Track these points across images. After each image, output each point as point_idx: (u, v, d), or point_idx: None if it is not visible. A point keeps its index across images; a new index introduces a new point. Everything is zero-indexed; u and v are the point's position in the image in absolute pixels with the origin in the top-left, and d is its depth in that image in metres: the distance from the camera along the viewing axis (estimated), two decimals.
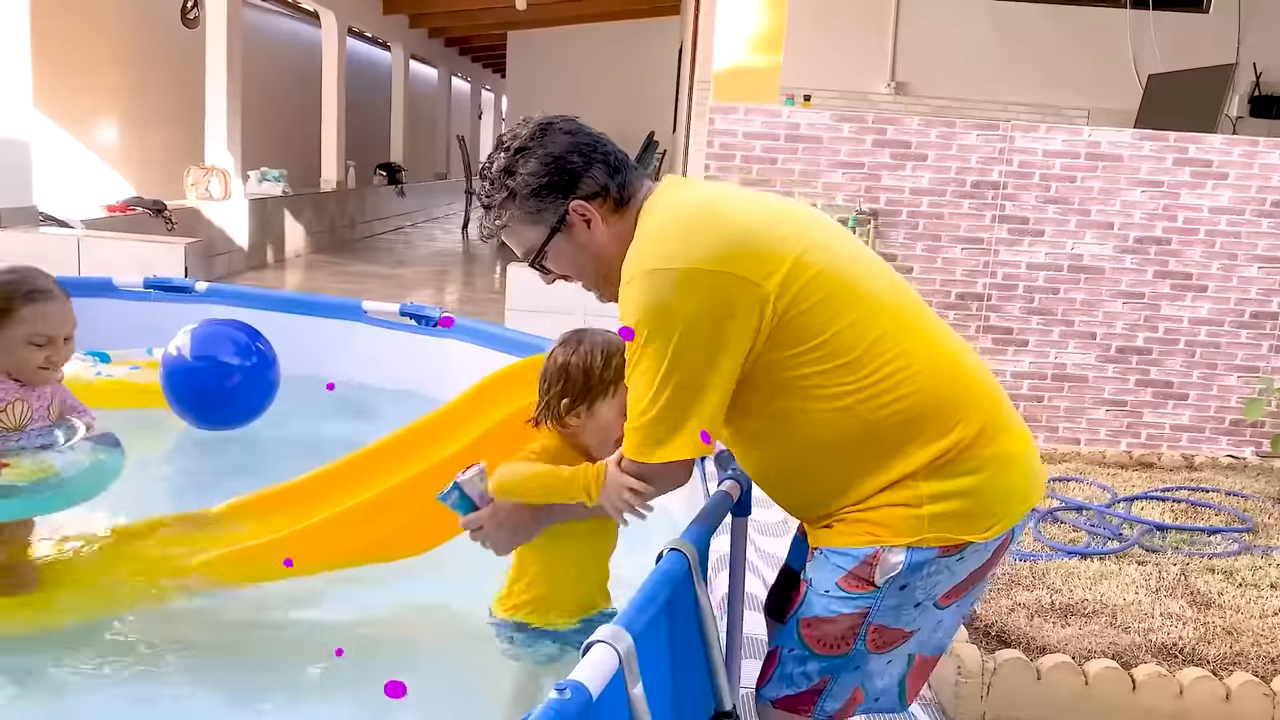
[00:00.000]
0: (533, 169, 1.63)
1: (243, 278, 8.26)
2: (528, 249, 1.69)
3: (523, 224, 1.66)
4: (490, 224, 1.69)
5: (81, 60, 8.80)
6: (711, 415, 1.51)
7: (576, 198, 1.63)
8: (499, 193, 1.65)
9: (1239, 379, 4.81)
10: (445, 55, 16.67)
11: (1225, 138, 4.77)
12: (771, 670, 1.64)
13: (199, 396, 2.98)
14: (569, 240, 1.65)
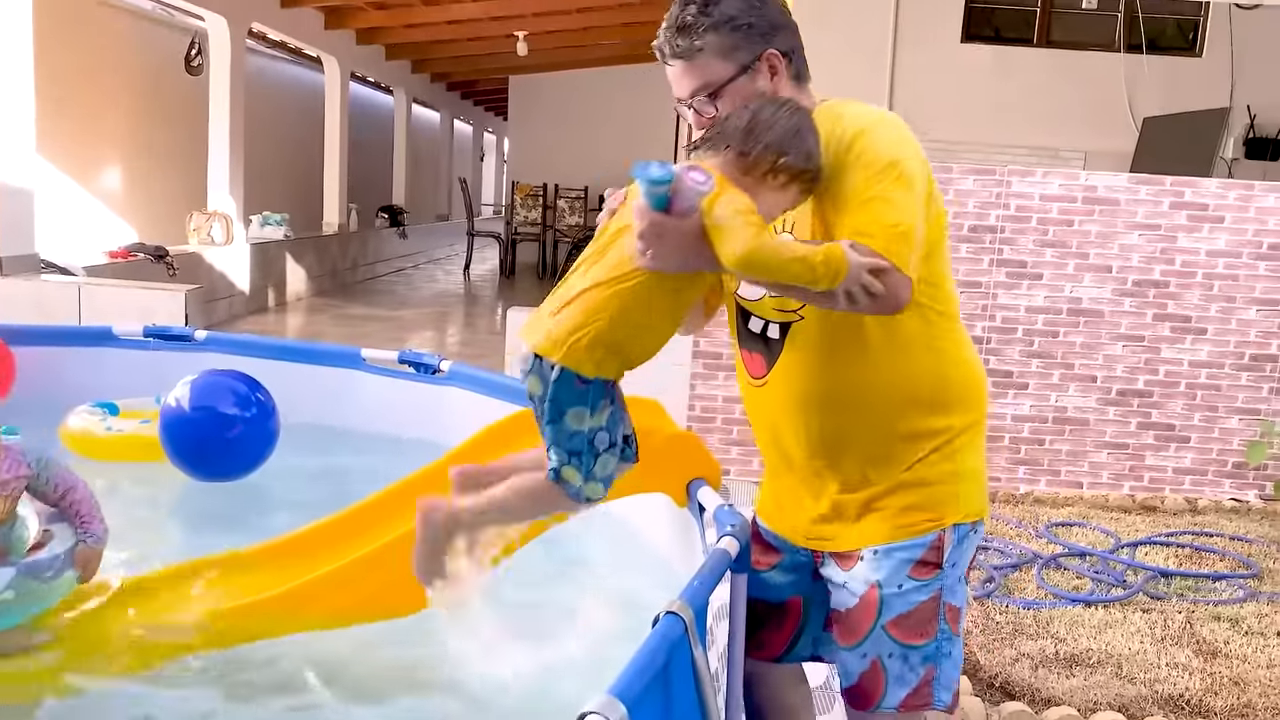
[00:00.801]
0: (741, 6, 1.65)
1: (244, 322, 8.28)
2: (706, 83, 1.67)
3: (713, 55, 1.65)
4: (683, 44, 1.66)
5: (85, 107, 8.89)
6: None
7: (773, 47, 1.67)
8: (705, 18, 1.64)
9: (1240, 421, 4.80)
10: (447, 99, 16.83)
11: (1221, 181, 4.79)
12: (881, 682, 1.70)
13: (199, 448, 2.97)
14: (751, 86, 1.66)
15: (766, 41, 1.66)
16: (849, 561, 1.72)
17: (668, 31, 1.69)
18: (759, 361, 1.77)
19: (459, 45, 12.80)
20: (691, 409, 4.86)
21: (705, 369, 4.82)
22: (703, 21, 1.64)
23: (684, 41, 1.66)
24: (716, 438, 4.87)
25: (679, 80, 1.71)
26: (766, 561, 1.87)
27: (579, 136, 14.34)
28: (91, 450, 3.39)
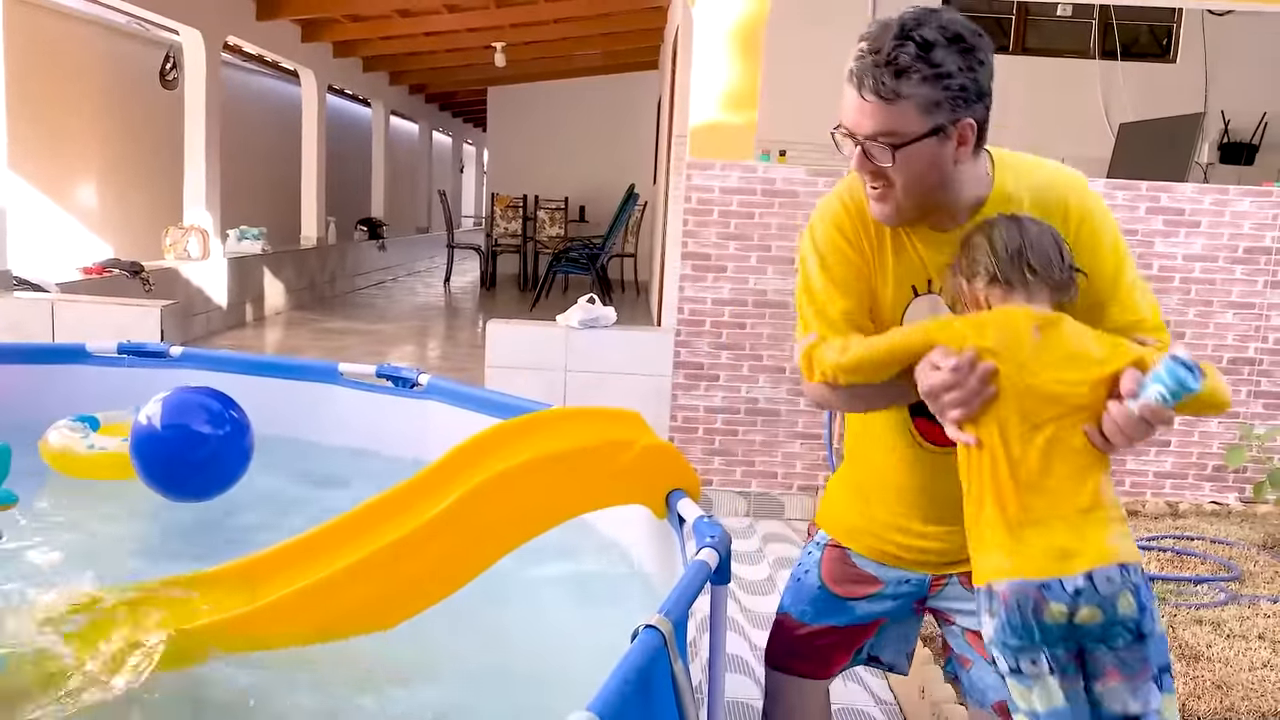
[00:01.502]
0: (960, 64, 1.54)
1: (222, 337, 8.21)
2: (894, 132, 1.55)
3: (914, 107, 1.53)
4: (888, 85, 1.52)
5: (58, 122, 8.82)
6: None
7: (972, 116, 1.58)
8: (921, 64, 1.51)
9: (1220, 425, 4.82)
10: (426, 111, 16.80)
11: (1196, 186, 4.82)
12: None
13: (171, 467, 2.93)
14: (938, 147, 1.57)
15: (969, 108, 1.57)
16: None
17: (875, 65, 1.53)
18: (937, 431, 1.69)
19: (436, 57, 12.77)
20: (674, 419, 4.84)
21: (687, 379, 4.81)
22: (920, 69, 1.52)
23: (891, 82, 1.52)
24: (699, 448, 4.85)
25: (864, 116, 1.56)
26: (861, 591, 1.86)
27: (558, 148, 14.34)
28: (72, 468, 3.34)
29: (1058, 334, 1.55)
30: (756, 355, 4.80)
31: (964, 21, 1.56)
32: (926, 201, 1.63)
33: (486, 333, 4.95)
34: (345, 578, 2.25)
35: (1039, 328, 1.55)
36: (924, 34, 1.52)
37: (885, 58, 1.52)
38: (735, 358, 4.80)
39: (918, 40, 1.51)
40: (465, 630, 1.94)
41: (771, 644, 2.00)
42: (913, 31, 1.52)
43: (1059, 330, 1.56)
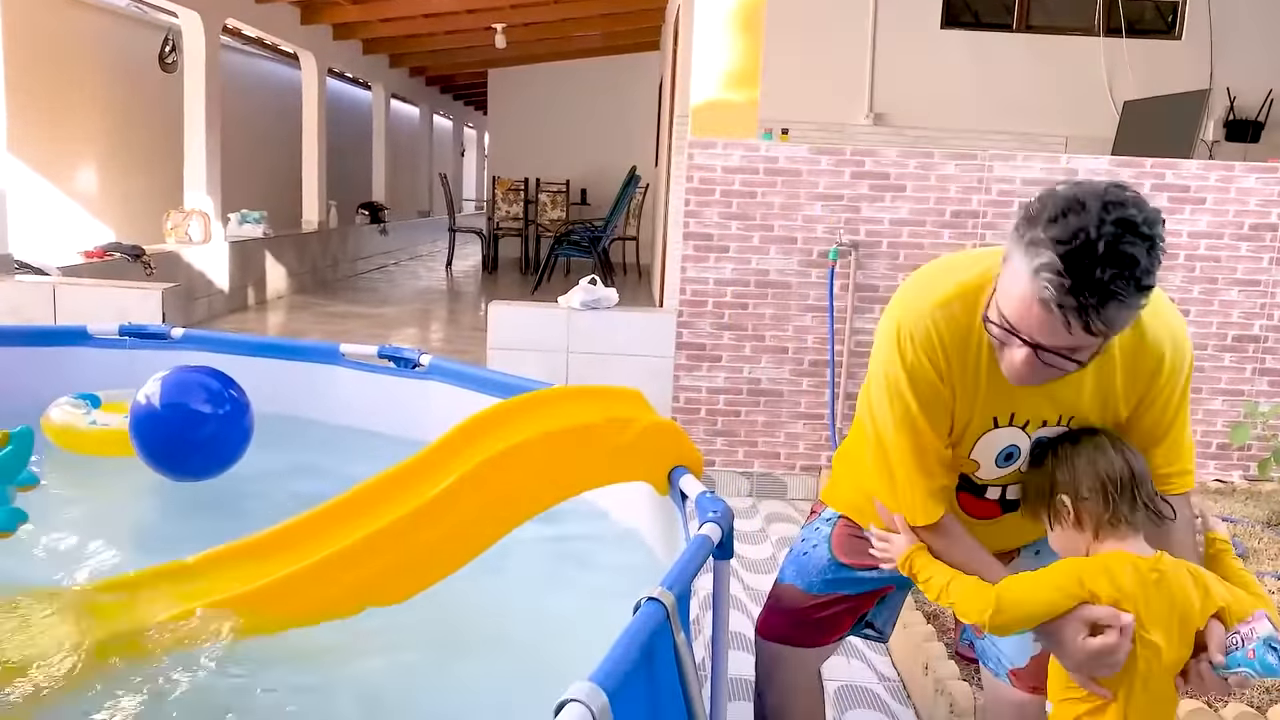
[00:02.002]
0: (1154, 266, 1.39)
1: (223, 321, 8.20)
2: (1083, 347, 1.43)
3: (1110, 330, 1.41)
4: (1103, 325, 1.38)
5: (58, 106, 8.79)
6: None
7: None
8: (1138, 294, 1.38)
9: (1224, 403, 4.81)
10: (426, 93, 16.73)
11: (1202, 163, 4.79)
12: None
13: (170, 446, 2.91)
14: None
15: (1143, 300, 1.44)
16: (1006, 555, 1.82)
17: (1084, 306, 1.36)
18: (990, 510, 1.77)
19: (436, 39, 12.71)
20: (676, 400, 4.84)
21: (689, 360, 4.80)
22: (1136, 302, 1.38)
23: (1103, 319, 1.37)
24: (701, 429, 4.84)
25: (1059, 338, 1.41)
26: (872, 562, 1.85)
27: (560, 130, 14.29)
28: (74, 443, 3.34)
29: (1169, 587, 1.58)
30: (759, 335, 4.78)
31: (1148, 207, 1.41)
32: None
33: (489, 314, 4.93)
34: (347, 556, 2.25)
35: (1156, 582, 1.58)
36: (1142, 258, 1.35)
37: (1099, 287, 1.34)
38: (737, 338, 4.78)
39: (1123, 262, 1.34)
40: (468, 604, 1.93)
41: (771, 617, 2.00)
42: (1120, 248, 1.34)
43: (1169, 583, 1.58)
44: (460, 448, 2.49)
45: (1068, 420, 1.66)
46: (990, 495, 1.75)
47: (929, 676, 2.74)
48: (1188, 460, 1.70)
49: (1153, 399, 1.62)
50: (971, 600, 1.61)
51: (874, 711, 2.79)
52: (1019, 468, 1.71)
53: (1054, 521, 1.69)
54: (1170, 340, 1.61)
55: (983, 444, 1.67)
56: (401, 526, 2.27)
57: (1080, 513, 1.66)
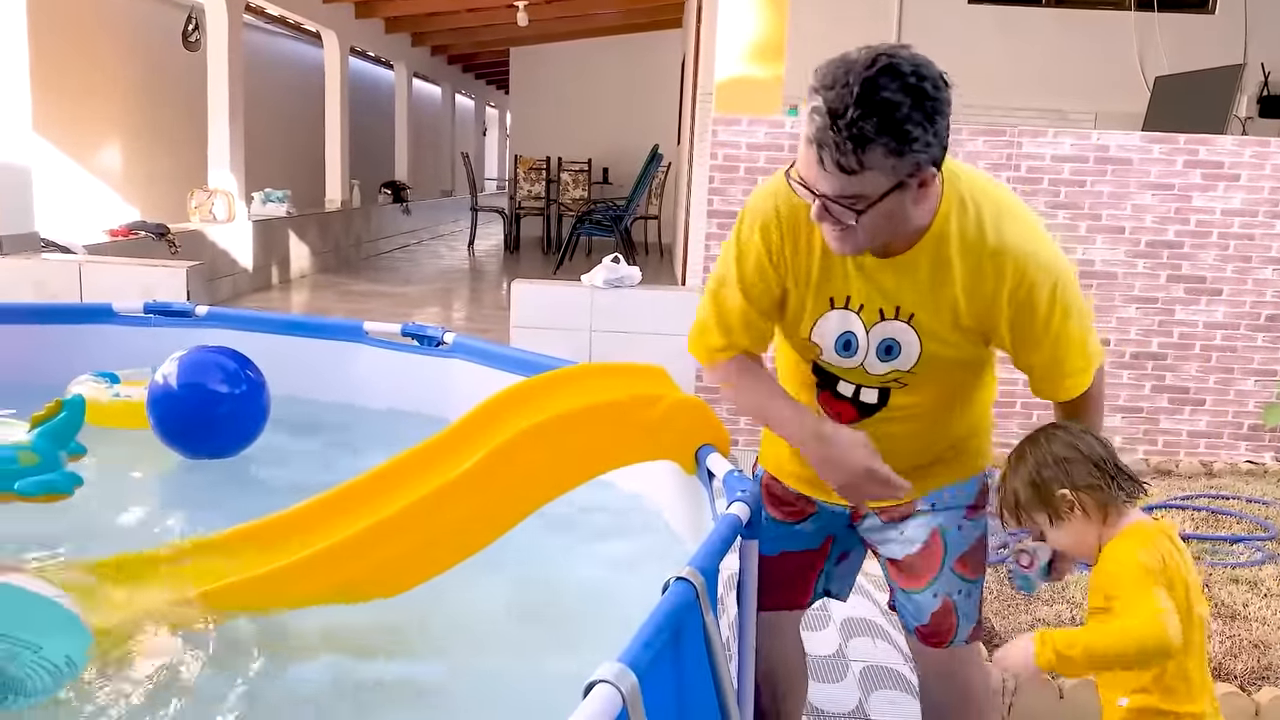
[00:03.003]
0: (923, 122, 1.45)
1: (247, 300, 8.23)
2: (859, 195, 1.49)
3: (878, 173, 1.48)
4: (855, 160, 1.44)
5: (82, 84, 8.81)
6: None
7: (935, 164, 1.53)
8: (886, 136, 1.43)
9: (1256, 383, 4.73)
10: (448, 72, 16.69)
11: (1236, 139, 4.70)
12: (954, 618, 1.88)
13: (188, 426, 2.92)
14: (900, 198, 1.53)
15: (932, 159, 1.51)
16: (899, 511, 1.87)
17: (835, 135, 1.44)
18: (847, 412, 1.82)
19: (459, 17, 12.64)
20: (699, 379, 4.81)
21: None
22: (884, 141, 1.44)
23: (853, 159, 1.45)
24: (724, 408, 4.81)
25: (824, 181, 1.50)
26: (799, 513, 1.97)
27: (581, 108, 14.21)
28: (98, 417, 3.36)
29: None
30: None
31: (926, 65, 1.46)
32: (886, 238, 1.62)
33: (511, 293, 4.92)
34: (371, 536, 2.24)
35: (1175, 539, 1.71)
36: (887, 95, 1.42)
37: (847, 131, 1.42)
38: None
39: (880, 103, 1.42)
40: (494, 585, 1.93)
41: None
42: (874, 94, 1.42)
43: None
44: (484, 426, 2.48)
45: (906, 317, 1.69)
46: (843, 391, 1.81)
47: None
48: (1075, 364, 1.72)
49: (1020, 319, 1.65)
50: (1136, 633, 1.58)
51: (899, 692, 2.77)
52: (861, 364, 1.75)
53: (1056, 519, 1.71)
54: (1016, 255, 1.61)
55: (821, 326, 1.75)
56: (425, 505, 2.26)
57: (1084, 502, 1.65)
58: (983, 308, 1.65)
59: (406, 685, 2.15)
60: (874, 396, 1.79)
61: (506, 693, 1.97)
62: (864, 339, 1.73)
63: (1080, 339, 1.71)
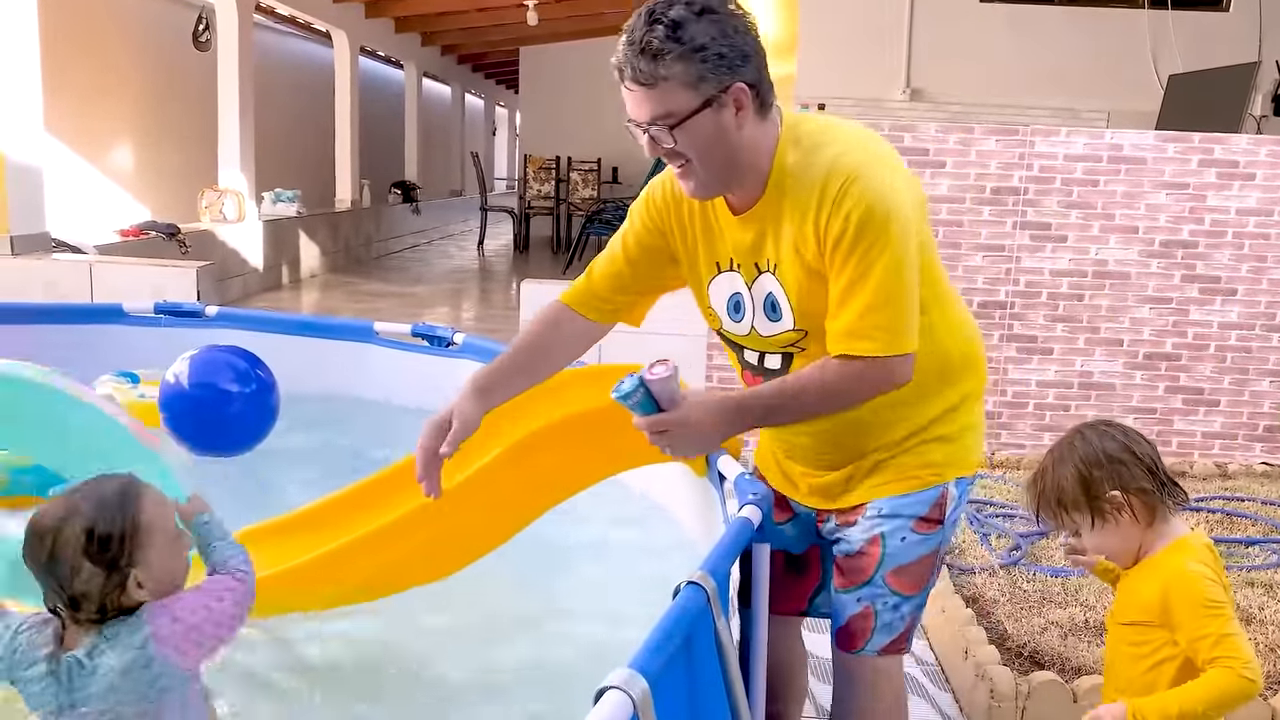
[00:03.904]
0: (713, 34, 1.54)
1: (258, 299, 8.25)
2: (668, 112, 1.56)
3: (678, 85, 1.55)
4: (647, 70, 1.54)
5: (93, 84, 8.83)
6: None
7: (741, 80, 1.56)
8: (674, 44, 1.52)
9: (1271, 384, 4.69)
10: (458, 72, 16.71)
11: (1251, 137, 4.66)
12: (870, 627, 1.79)
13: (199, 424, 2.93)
14: (715, 119, 1.57)
15: (735, 74, 1.56)
16: (853, 515, 1.79)
17: (630, 52, 1.57)
18: (755, 380, 1.80)
19: (468, 16, 12.66)
20: (709, 380, 4.79)
21: None
22: (671, 48, 1.53)
23: (648, 67, 1.55)
24: None
25: (637, 104, 1.60)
26: (782, 517, 1.92)
27: (591, 107, 14.19)
28: None
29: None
30: None
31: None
32: (725, 173, 1.63)
33: (521, 292, 4.91)
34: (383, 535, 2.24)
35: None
36: (672, 14, 1.53)
37: (640, 44, 1.54)
38: None
39: (666, 21, 1.52)
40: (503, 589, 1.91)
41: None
42: (661, 14, 1.53)
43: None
44: (497, 426, 2.47)
45: (771, 268, 1.68)
46: (749, 360, 1.81)
47: (969, 661, 2.69)
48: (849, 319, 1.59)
49: (827, 250, 1.59)
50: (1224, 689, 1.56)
51: (913, 696, 2.75)
52: (753, 326, 1.74)
53: (1100, 520, 1.65)
54: (833, 177, 1.57)
55: (714, 292, 1.78)
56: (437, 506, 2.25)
57: (1136, 505, 1.61)
58: (815, 243, 1.61)
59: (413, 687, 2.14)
60: (777, 362, 1.76)
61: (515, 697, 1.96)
62: (748, 298, 1.73)
63: (874, 290, 1.56)
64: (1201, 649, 1.57)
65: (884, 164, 1.62)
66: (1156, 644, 1.65)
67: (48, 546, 1.31)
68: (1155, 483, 1.64)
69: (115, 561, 1.33)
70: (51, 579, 1.33)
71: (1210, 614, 1.57)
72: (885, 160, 1.63)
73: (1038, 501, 1.73)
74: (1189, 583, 1.59)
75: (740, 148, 1.61)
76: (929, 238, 1.73)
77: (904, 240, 1.57)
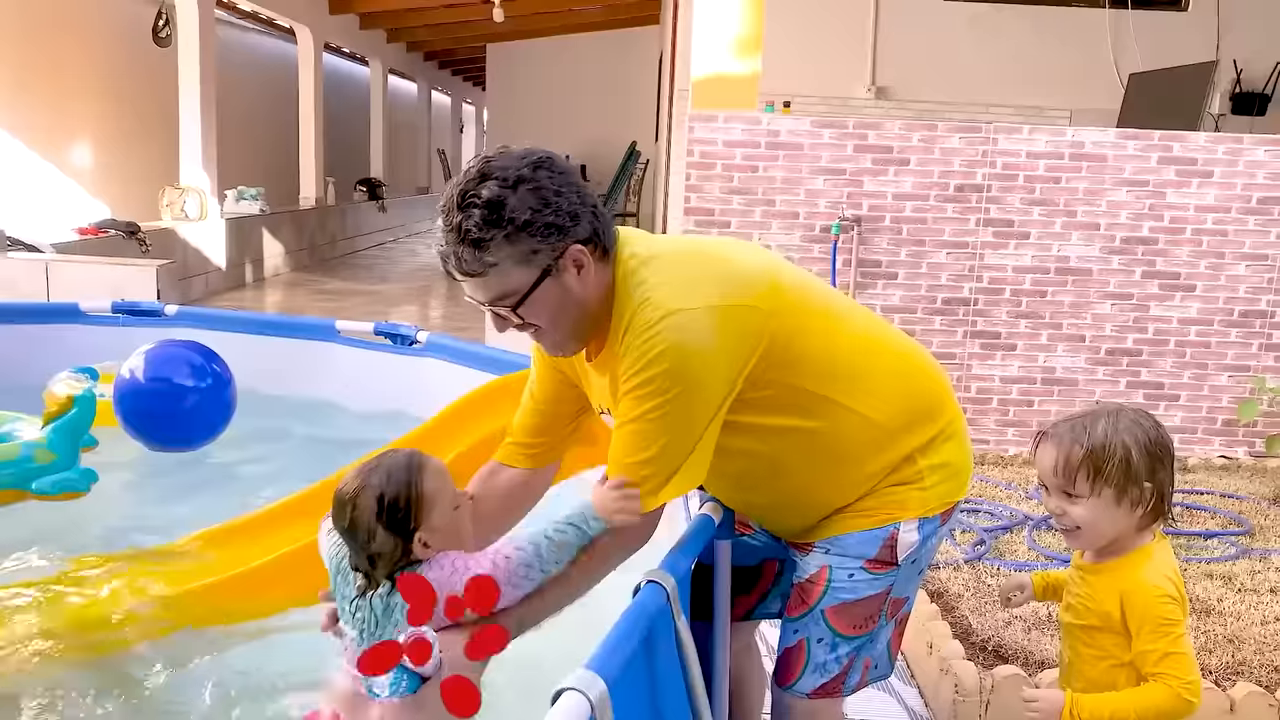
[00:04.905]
0: (534, 204, 1.45)
1: (221, 298, 8.15)
2: (507, 292, 1.49)
3: (510, 266, 1.46)
4: (472, 262, 1.46)
5: (51, 82, 8.69)
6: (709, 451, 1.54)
7: (574, 240, 1.49)
8: (495, 228, 1.43)
9: (1230, 378, 4.76)
10: (425, 69, 16.60)
11: (1209, 135, 4.72)
12: (801, 664, 1.70)
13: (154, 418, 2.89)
14: (557, 286, 1.50)
15: (567, 236, 1.48)
16: (805, 548, 1.73)
17: (451, 241, 1.46)
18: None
19: (434, 13, 12.58)
20: None
21: None
22: (493, 234, 1.44)
23: (472, 256, 1.45)
24: None
25: (473, 290, 1.51)
26: (742, 531, 1.87)
27: (559, 104, 14.17)
28: None
29: None
30: None
31: (515, 157, 1.49)
32: (579, 329, 1.57)
33: None
34: None
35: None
36: (485, 195, 1.44)
37: (460, 235, 1.45)
38: None
39: (480, 203, 1.44)
40: None
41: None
42: (474, 196, 1.45)
43: None
44: (456, 426, 2.45)
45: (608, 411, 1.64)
46: None
47: (934, 656, 2.70)
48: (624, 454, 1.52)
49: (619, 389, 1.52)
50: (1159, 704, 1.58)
51: (878, 691, 2.75)
52: None
53: (1115, 499, 1.61)
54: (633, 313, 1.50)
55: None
56: None
57: (1159, 507, 1.63)
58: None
59: None
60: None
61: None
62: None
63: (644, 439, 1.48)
64: (1146, 662, 1.60)
65: (691, 314, 1.48)
66: (1109, 648, 1.66)
67: (348, 514, 1.50)
68: (1170, 495, 1.65)
69: (403, 525, 1.48)
70: (353, 541, 1.51)
71: (1161, 631, 1.59)
72: (696, 308, 1.49)
73: (1074, 449, 1.62)
74: (1146, 596, 1.61)
75: (588, 300, 1.53)
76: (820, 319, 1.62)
77: (689, 397, 1.47)
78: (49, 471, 2.74)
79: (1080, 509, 1.64)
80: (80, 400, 2.85)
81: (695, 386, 1.48)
